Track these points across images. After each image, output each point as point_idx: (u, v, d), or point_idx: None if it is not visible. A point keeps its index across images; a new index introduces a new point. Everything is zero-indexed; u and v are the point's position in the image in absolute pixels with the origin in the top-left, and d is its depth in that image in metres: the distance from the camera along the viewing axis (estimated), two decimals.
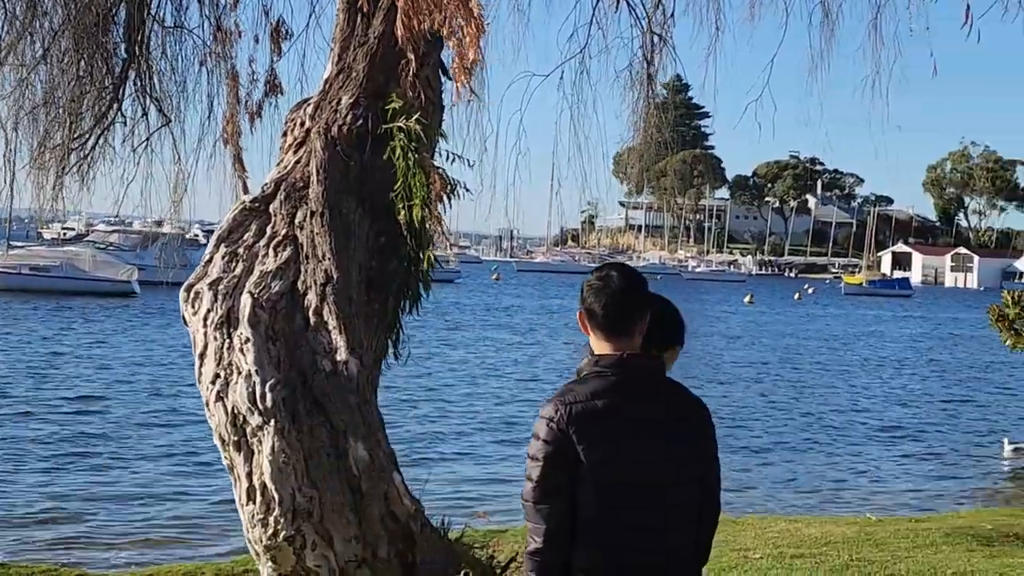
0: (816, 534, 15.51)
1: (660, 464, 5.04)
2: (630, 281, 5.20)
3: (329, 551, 7.85)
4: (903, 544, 14.84)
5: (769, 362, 55.46)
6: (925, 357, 63.68)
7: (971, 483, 27.10)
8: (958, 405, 42.49)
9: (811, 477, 26.75)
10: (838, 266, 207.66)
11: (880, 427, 35.94)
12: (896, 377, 51.98)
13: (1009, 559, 13.98)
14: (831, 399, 42.66)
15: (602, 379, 5.04)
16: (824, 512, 21.31)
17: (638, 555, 4.99)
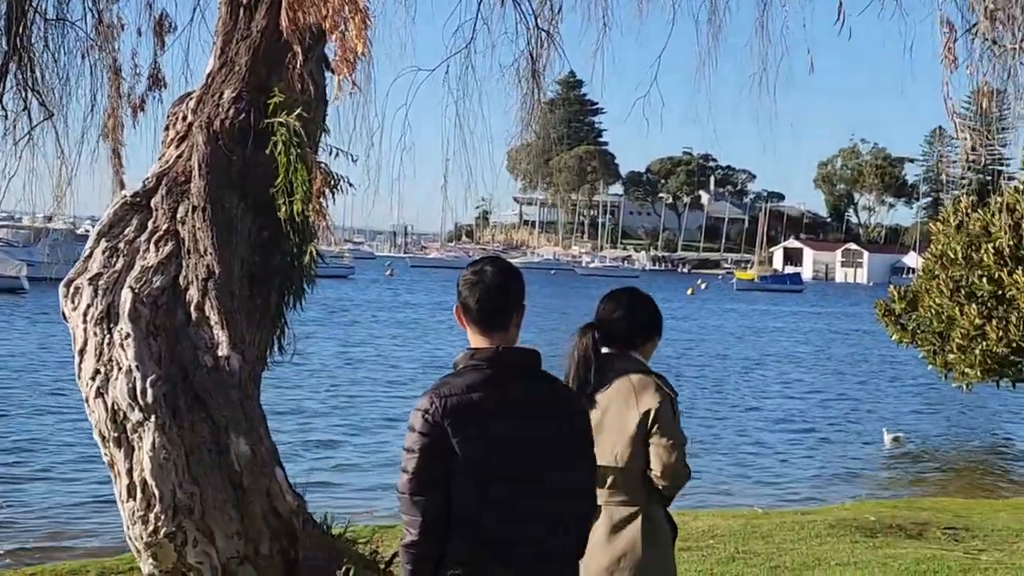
0: (703, 527, 15.64)
1: (535, 458, 5.06)
2: (504, 275, 5.22)
3: (211, 548, 7.83)
4: (789, 536, 15.00)
5: (660, 357, 55.76)
6: (816, 351, 64.43)
7: (856, 475, 27.48)
8: (846, 398, 43.06)
9: (699, 470, 26.98)
10: (730, 262, 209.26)
11: (770, 420, 36.34)
12: (787, 371, 52.56)
13: (891, 550, 14.20)
14: (721, 393, 43.06)
15: (477, 372, 5.06)
16: (711, 505, 21.51)
17: (514, 550, 5.02)
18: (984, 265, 27.94)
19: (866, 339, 68.15)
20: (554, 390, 5.27)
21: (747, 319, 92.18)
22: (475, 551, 4.97)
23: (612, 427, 6.38)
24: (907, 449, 31.39)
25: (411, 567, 5.02)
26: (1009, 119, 9.13)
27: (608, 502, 6.39)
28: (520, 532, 5.01)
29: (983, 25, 7.58)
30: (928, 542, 15.20)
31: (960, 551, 14.38)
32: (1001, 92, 8.48)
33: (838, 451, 30.71)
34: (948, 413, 38.92)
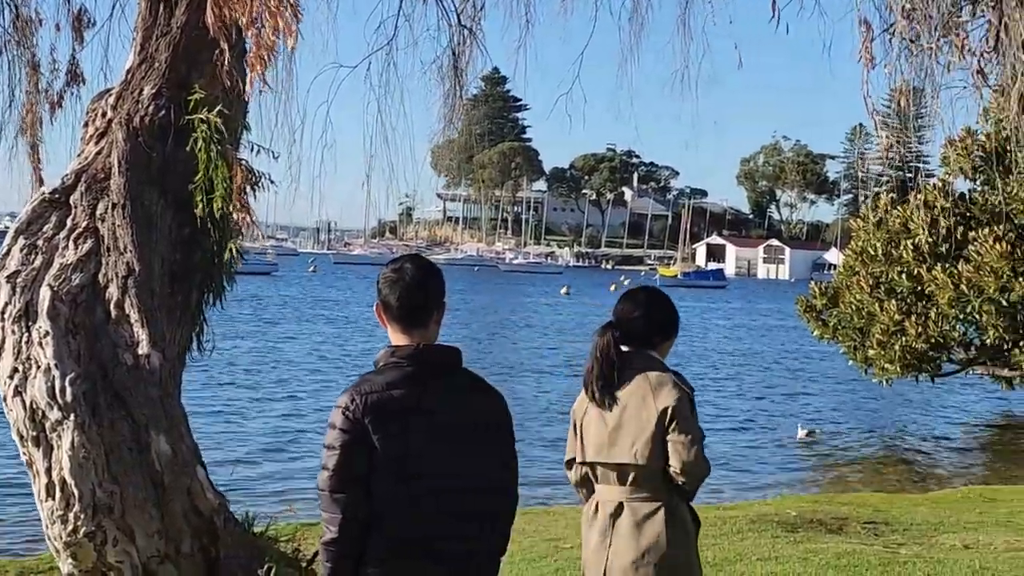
0: None
1: (455, 456, 5.08)
2: (424, 273, 5.24)
3: (131, 547, 7.78)
4: (711, 532, 15.06)
5: (584, 353, 55.91)
6: (737, 347, 64.83)
7: (778, 470, 27.68)
8: (767, 394, 43.35)
9: None
10: (654, 258, 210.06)
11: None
12: (708, 367, 52.83)
13: (812, 544, 14.31)
14: None
15: (398, 370, 5.08)
16: None
17: (433, 547, 5.03)
18: (903, 261, 28.27)
19: (788, 335, 68.66)
20: (475, 388, 5.29)
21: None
22: (395, 548, 4.98)
23: (631, 425, 6.51)
24: (828, 444, 31.66)
25: (331, 565, 5.02)
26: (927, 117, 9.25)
27: (630, 499, 6.52)
28: (439, 530, 5.02)
29: (900, 24, 7.66)
30: (848, 536, 15.34)
31: (880, 545, 14.53)
32: (919, 91, 8.58)
33: (759, 446, 30.91)
34: (869, 408, 39.30)
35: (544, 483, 23.08)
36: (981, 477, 27.57)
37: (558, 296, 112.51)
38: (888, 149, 8.75)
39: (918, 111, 8.83)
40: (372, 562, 4.99)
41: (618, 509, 6.54)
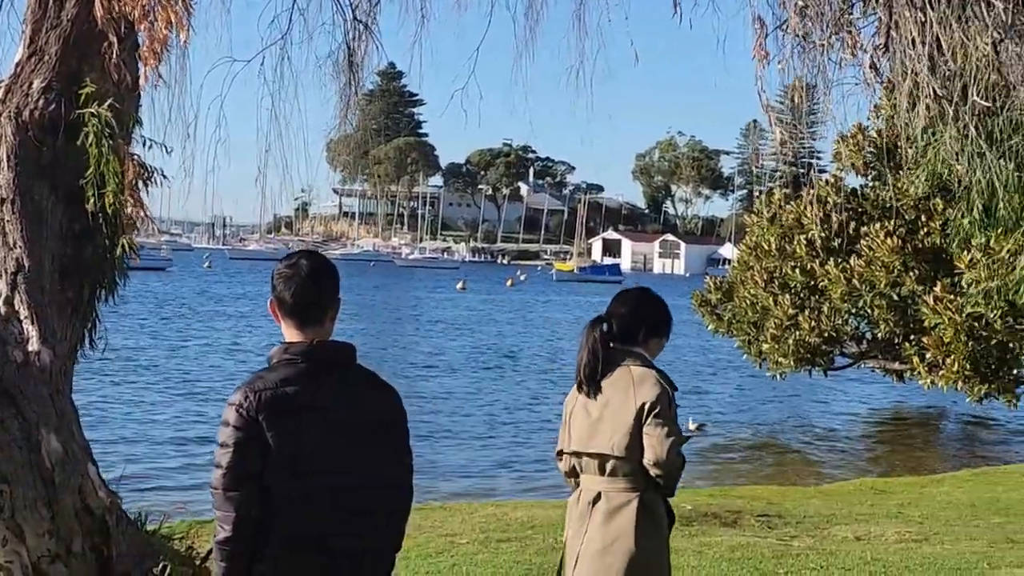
0: (523, 518, 15.75)
1: (350, 452, 5.06)
2: (319, 269, 5.22)
3: (21, 547, 7.66)
4: None
5: (479, 348, 56.03)
6: None
7: None
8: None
9: (519, 462, 27.15)
10: (550, 253, 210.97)
11: None
12: None
13: (707, 538, 14.44)
14: (540, 384, 43.34)
15: (292, 367, 5.05)
16: (530, 496, 21.65)
17: (327, 544, 5.01)
18: (797, 256, 28.57)
19: (683, 329, 69.08)
20: (369, 384, 5.27)
21: (567, 310, 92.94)
22: (289, 546, 4.96)
23: (611, 417, 6.69)
24: (723, 437, 31.92)
25: (225, 564, 4.98)
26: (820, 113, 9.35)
27: (607, 488, 6.69)
28: (333, 527, 5.01)
29: (793, 21, 7.73)
30: (742, 529, 15.50)
31: (773, 538, 14.69)
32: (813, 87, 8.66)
33: None
34: (762, 402, 39.67)
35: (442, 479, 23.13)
36: (873, 470, 27.95)
37: (454, 291, 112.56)
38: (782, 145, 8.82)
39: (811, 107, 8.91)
40: (266, 560, 4.96)
41: (596, 498, 6.70)
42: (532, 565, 12.60)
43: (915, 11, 7.06)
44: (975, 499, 19.92)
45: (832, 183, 29.31)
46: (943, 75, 7.41)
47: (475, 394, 39.27)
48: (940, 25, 7.03)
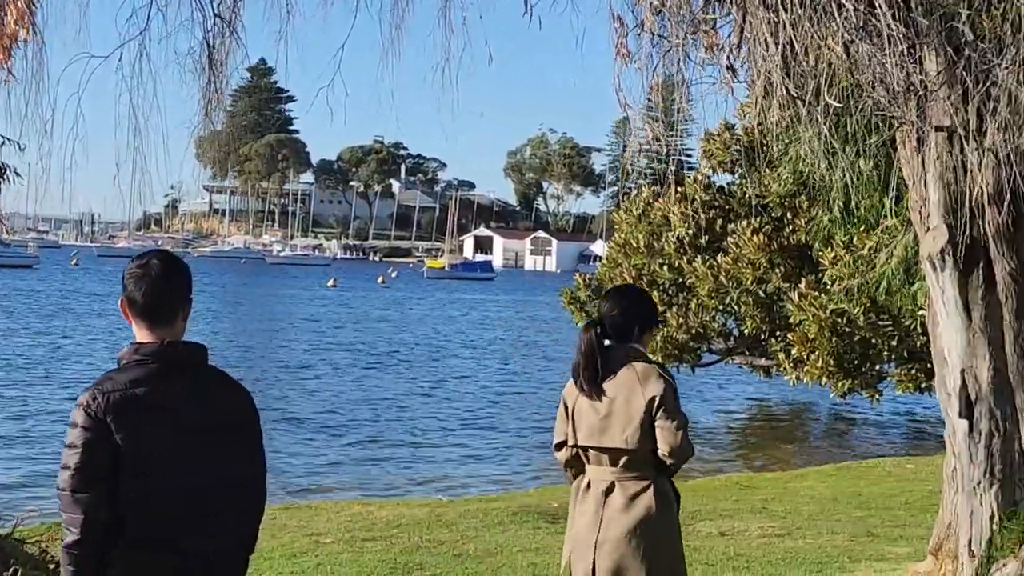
0: (388, 516, 15.69)
1: (201, 453, 5.00)
2: (170, 268, 5.15)
3: None
4: (472, 524, 15.16)
5: (350, 346, 55.80)
6: (503, 338, 65.30)
7: (540, 460, 27.95)
8: (532, 385, 43.73)
9: (385, 460, 27.09)
10: (421, 250, 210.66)
11: (456, 408, 36.69)
12: (473, 357, 53.11)
13: None
14: (409, 381, 43.27)
15: (142, 367, 4.98)
16: (396, 495, 21.61)
17: (178, 546, 4.94)
18: (665, 254, 28.74)
19: (553, 326, 69.33)
20: (221, 385, 5.21)
21: (437, 307, 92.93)
22: (140, 547, 4.88)
23: (621, 414, 7.07)
24: None
25: (73, 568, 4.89)
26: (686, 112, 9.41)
27: (621, 478, 7.11)
28: (185, 527, 4.94)
29: (649, 20, 7.77)
30: None
31: None
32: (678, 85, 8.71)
33: (522, 437, 31.16)
34: None
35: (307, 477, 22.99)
36: (738, 465, 28.24)
37: (325, 289, 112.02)
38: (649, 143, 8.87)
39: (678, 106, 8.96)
40: (116, 562, 4.88)
41: (610, 487, 7.11)
42: (397, 564, 12.55)
43: (768, 12, 7.13)
44: (837, 493, 20.19)
45: (699, 181, 29.53)
46: (797, 76, 7.49)
47: (344, 392, 39.08)
48: (793, 27, 7.11)
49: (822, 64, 7.50)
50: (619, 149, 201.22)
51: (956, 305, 10.25)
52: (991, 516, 10.25)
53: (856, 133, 9.07)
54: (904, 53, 7.55)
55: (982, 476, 10.17)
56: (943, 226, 10.28)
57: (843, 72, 7.64)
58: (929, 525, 11.78)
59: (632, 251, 29.55)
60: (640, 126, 8.83)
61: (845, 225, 15.01)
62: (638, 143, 8.80)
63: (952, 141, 9.52)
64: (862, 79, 7.76)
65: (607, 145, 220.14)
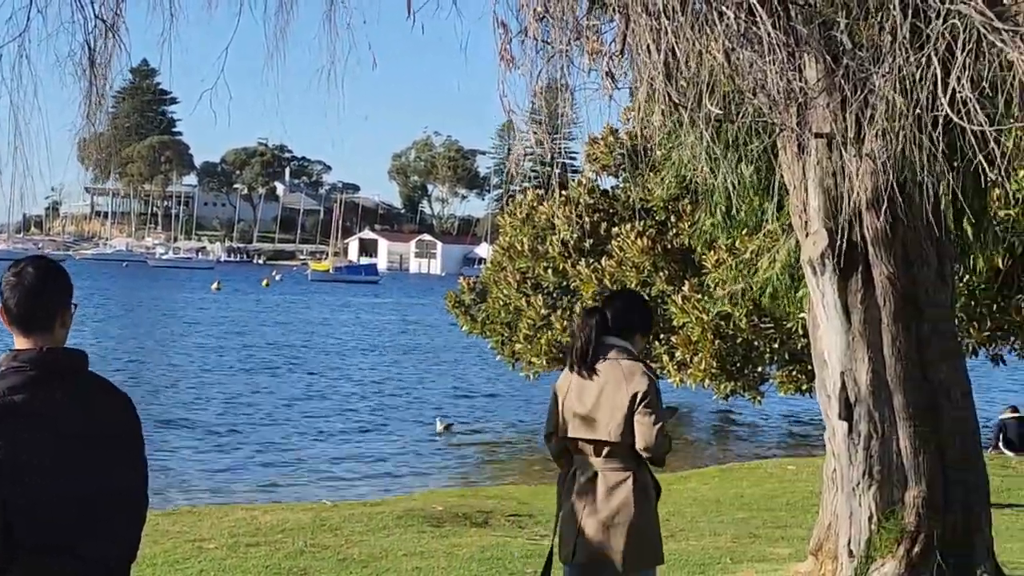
0: (273, 521, 15.56)
1: (82, 461, 4.93)
2: (46, 275, 5.07)
3: None
4: (357, 528, 15.08)
5: (232, 349, 55.39)
6: (387, 341, 65.14)
7: (425, 464, 27.93)
8: (416, 389, 43.65)
9: (269, 464, 26.92)
10: (306, 253, 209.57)
11: (342, 411, 36.55)
12: (360, 362, 52.93)
13: (457, 538, 14.46)
14: (295, 385, 43.03)
15: (20, 374, 4.89)
16: (281, 499, 21.47)
17: (62, 553, 4.87)
18: (550, 257, 28.81)
19: (438, 329, 69.27)
20: (102, 392, 5.13)
21: (323, 310, 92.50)
22: (23, 556, 4.80)
23: (606, 407, 7.45)
24: (471, 438, 32.07)
25: None
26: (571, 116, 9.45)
27: (604, 469, 7.50)
28: (66, 536, 4.87)
29: (532, 26, 7.78)
30: (493, 529, 15.56)
31: (523, 537, 14.78)
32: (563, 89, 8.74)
33: (407, 441, 31.10)
34: (516, 402, 39.96)
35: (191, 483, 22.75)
36: None
37: (209, 292, 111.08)
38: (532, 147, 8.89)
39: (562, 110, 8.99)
40: (15, 568, 4.79)
41: (593, 477, 7.52)
42: (281, 569, 12.46)
43: (650, 19, 7.17)
44: (720, 495, 20.37)
45: (584, 184, 29.67)
46: (679, 82, 7.54)
47: (230, 396, 38.75)
48: (675, 34, 7.15)
49: (704, 71, 7.56)
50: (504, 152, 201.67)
51: (836, 308, 10.39)
52: (870, 517, 10.41)
53: (738, 139, 9.17)
54: (784, 60, 7.63)
55: (861, 477, 10.31)
56: (823, 230, 10.42)
57: (724, 79, 7.71)
58: (810, 526, 11.90)
59: (517, 254, 29.60)
60: (524, 130, 8.85)
61: (728, 229, 15.09)
62: (522, 147, 8.80)
63: (831, 147, 9.65)
64: (743, 86, 7.83)
65: (492, 148, 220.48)
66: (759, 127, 9.12)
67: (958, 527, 10.69)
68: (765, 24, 7.46)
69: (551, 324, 28.49)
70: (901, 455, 10.64)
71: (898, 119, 8.06)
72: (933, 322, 10.70)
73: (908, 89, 7.84)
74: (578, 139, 31.39)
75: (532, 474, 27.05)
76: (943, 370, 10.74)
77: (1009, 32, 7.35)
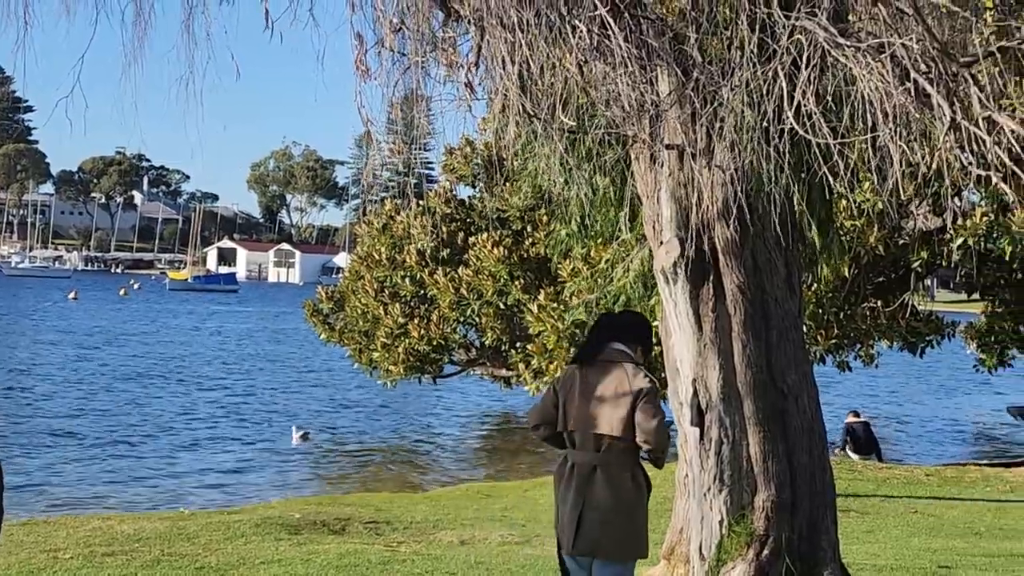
0: (129, 530, 15.33)
1: None
2: None
3: None
4: (215, 536, 14.93)
5: (86, 360, 54.56)
6: (245, 351, 64.63)
7: (283, 472, 27.75)
8: (275, 399, 43.37)
9: (128, 473, 26.57)
10: (164, 262, 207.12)
11: (201, 420, 36.19)
12: (213, 371, 52.45)
13: (315, 546, 14.37)
14: (149, 395, 42.52)
15: None
16: (138, 509, 21.18)
17: None
18: (407, 266, 28.86)
19: (297, 338, 68.87)
20: None
21: (181, 319, 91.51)
22: None
23: (609, 404, 7.87)
24: (329, 446, 31.93)
25: None
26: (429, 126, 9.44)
27: (602, 463, 7.94)
28: None
29: (389, 39, 7.76)
30: (350, 537, 15.50)
31: (381, 544, 14.74)
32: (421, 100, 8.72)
33: (264, 450, 30.88)
34: (373, 409, 39.87)
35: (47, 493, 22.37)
36: (479, 474, 28.43)
37: (66, 301, 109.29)
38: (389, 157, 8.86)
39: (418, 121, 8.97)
40: None
41: (592, 471, 7.92)
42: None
43: (505, 32, 7.18)
44: None
45: (441, 194, 29.76)
46: (534, 94, 7.56)
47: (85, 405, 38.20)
48: (529, 46, 7.17)
49: (558, 83, 7.58)
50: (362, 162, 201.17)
51: (688, 317, 10.50)
52: (720, 520, 10.52)
53: (592, 150, 9.20)
54: (637, 73, 7.69)
55: (712, 482, 10.42)
56: (675, 240, 10.52)
57: (578, 91, 7.75)
58: (662, 530, 11.98)
59: (375, 263, 29.61)
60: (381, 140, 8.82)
61: (583, 239, 15.20)
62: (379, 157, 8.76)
63: (683, 159, 9.73)
64: (597, 98, 7.88)
65: (350, 158, 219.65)
66: (613, 139, 9.18)
67: (805, 530, 10.86)
68: (617, 38, 7.50)
69: (408, 332, 28.51)
70: (751, 460, 10.78)
71: (746, 131, 8.17)
72: (782, 330, 10.86)
73: (756, 102, 7.94)
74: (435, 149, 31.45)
75: (391, 480, 27.01)
76: (792, 377, 10.90)
77: (852, 48, 7.48)
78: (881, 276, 24.45)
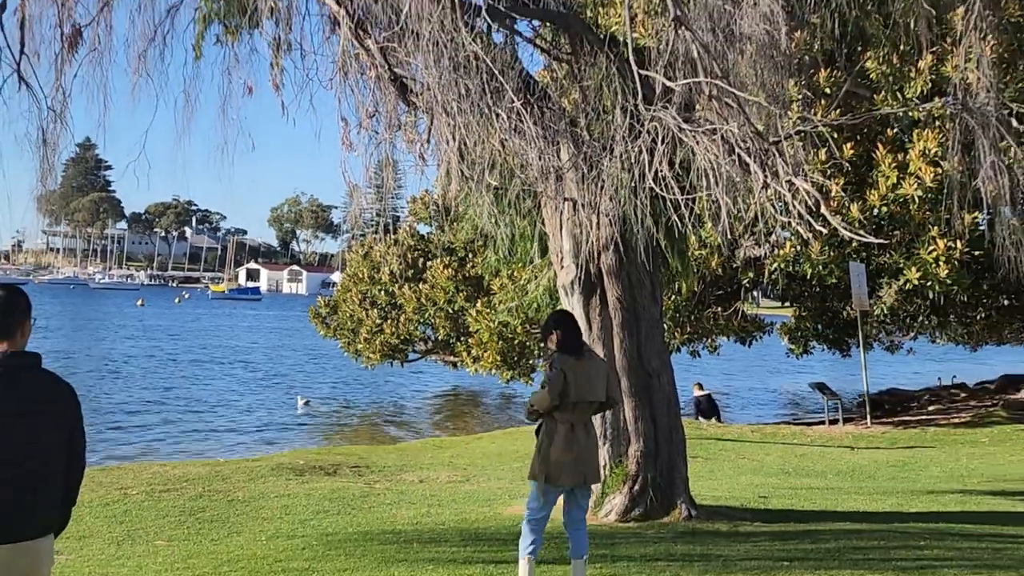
0: (179, 474, 15.19)
1: (28, 439, 4.72)
2: (11, 296, 4.89)
3: None
4: (242, 478, 14.82)
5: (153, 351, 53.96)
6: (266, 343, 64.14)
7: (291, 430, 27.52)
8: (284, 376, 43.06)
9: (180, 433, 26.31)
10: (208, 279, 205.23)
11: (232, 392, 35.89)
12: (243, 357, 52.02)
13: (313, 484, 14.31)
14: (199, 375, 42.11)
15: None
16: (186, 458, 20.95)
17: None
18: (383, 283, 28.94)
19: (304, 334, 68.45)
20: (51, 383, 4.94)
21: (218, 320, 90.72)
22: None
23: (596, 379, 7.87)
24: (325, 411, 31.75)
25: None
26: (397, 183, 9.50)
27: (581, 420, 7.88)
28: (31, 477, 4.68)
29: (366, 122, 7.78)
30: (340, 477, 15.42)
31: (362, 483, 14.68)
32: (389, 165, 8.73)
33: (278, 415, 30.65)
34: (358, 385, 39.69)
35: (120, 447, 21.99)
36: (434, 431, 28.36)
37: (136, 307, 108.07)
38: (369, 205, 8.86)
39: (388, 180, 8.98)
40: None
41: (573, 426, 7.82)
42: (185, 508, 12.17)
43: (448, 117, 7.22)
44: (502, 450, 20.45)
45: (408, 231, 29.84)
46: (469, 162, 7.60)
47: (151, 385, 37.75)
48: (465, 128, 7.21)
49: (486, 153, 7.62)
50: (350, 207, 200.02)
51: (582, 319, 10.55)
52: (604, 464, 10.58)
53: (512, 201, 9.25)
54: (543, 147, 7.74)
55: (600, 436, 10.47)
56: (572, 265, 10.59)
57: (501, 159, 7.79)
58: None
59: (359, 280, 29.66)
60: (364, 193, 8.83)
61: (507, 264, 15.25)
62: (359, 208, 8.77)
63: (576, 208, 9.80)
64: (515, 164, 7.92)
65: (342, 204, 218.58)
66: (527, 193, 9.23)
67: (665, 471, 10.93)
68: (528, 122, 7.55)
69: (383, 330, 28.59)
70: (626, 421, 10.86)
71: (621, 189, 8.23)
72: (648, 329, 10.95)
73: (628, 168, 8.01)
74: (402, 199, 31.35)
75: (370, 436, 26.88)
76: (655, 362, 10.99)
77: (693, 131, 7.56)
78: (720, 290, 24.67)
